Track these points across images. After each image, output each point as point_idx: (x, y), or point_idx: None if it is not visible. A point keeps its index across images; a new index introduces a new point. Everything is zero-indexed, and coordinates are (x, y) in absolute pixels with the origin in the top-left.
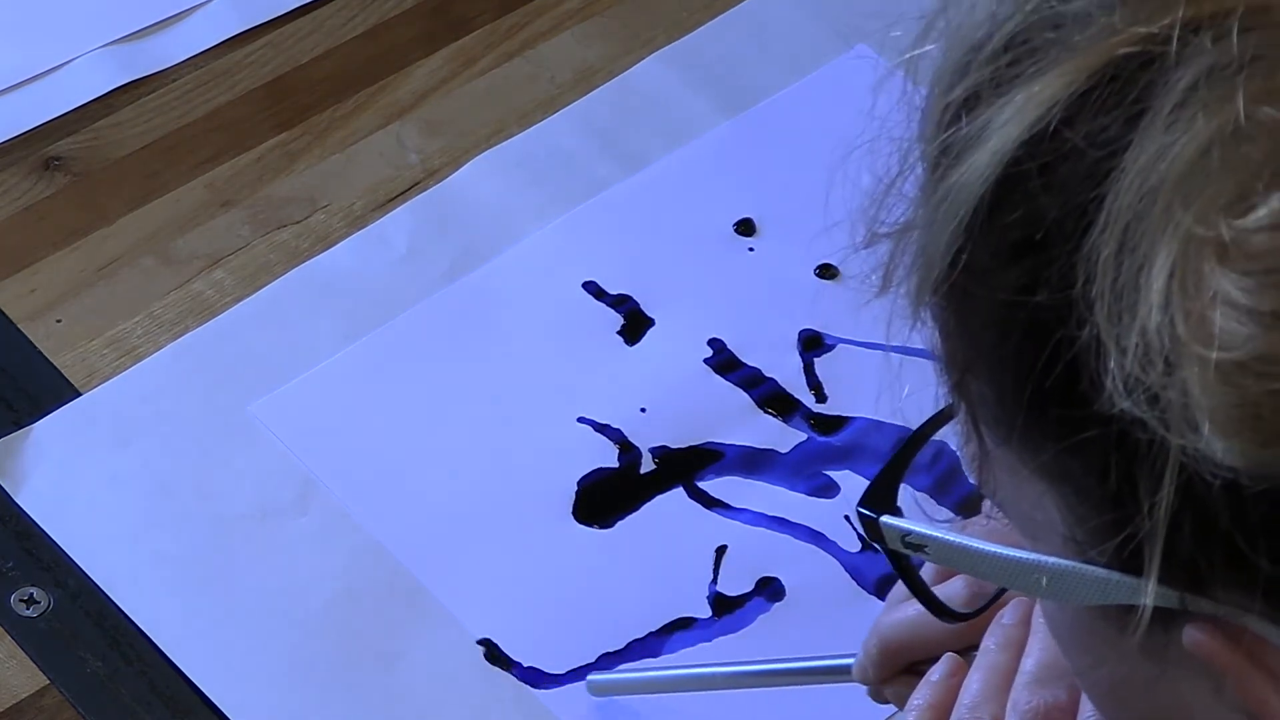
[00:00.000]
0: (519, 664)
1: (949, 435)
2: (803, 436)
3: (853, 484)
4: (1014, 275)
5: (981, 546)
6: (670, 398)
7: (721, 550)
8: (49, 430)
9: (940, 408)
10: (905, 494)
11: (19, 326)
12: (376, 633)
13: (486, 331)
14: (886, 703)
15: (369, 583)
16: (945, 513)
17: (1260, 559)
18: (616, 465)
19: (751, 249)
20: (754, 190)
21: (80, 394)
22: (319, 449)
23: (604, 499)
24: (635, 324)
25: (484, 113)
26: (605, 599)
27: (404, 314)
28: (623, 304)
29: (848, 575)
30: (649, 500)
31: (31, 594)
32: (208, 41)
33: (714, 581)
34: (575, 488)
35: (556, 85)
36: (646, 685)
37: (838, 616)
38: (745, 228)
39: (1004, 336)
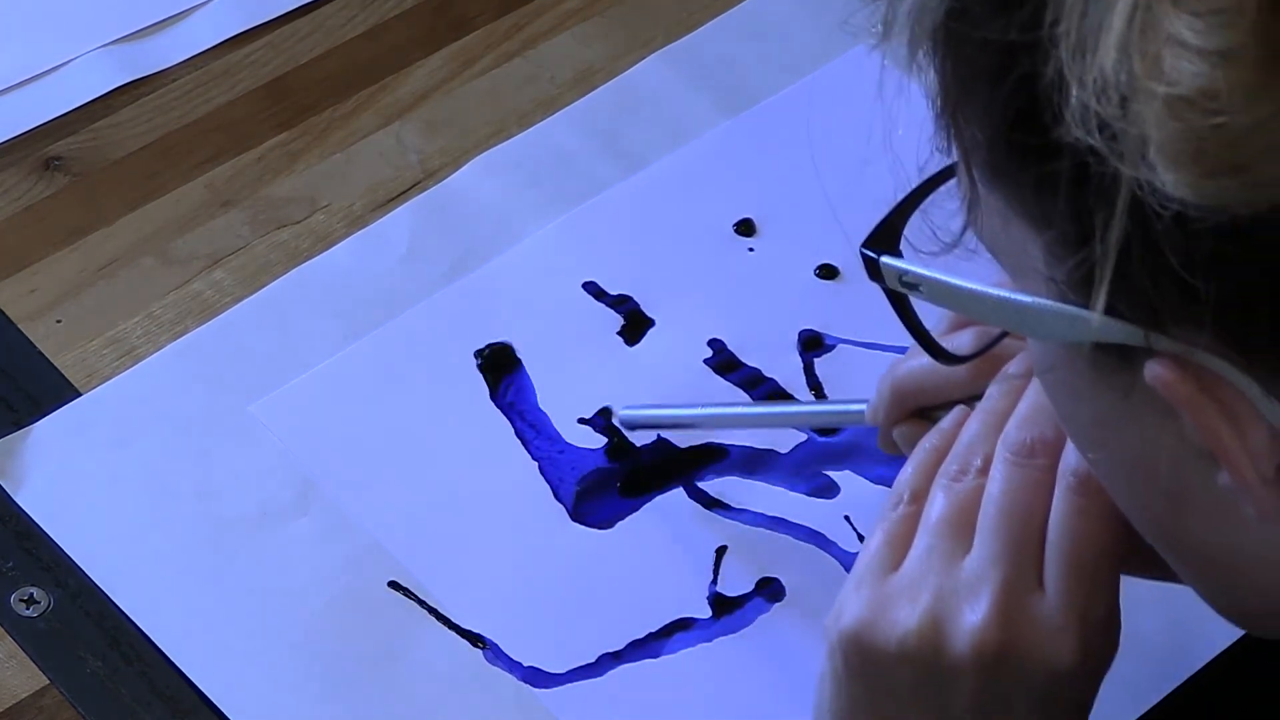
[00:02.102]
0: (519, 664)
1: None
2: (803, 437)
3: (853, 484)
4: (996, 18)
5: (969, 285)
6: (671, 398)
7: (721, 550)
8: (49, 430)
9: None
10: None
11: (19, 326)
12: (376, 633)
13: (486, 331)
14: (894, 452)
15: (369, 583)
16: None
17: (1207, 292)
18: (617, 465)
19: (751, 249)
20: (754, 190)
21: (80, 394)
22: (319, 449)
23: (604, 499)
24: (635, 324)
25: (484, 113)
26: (605, 599)
27: (404, 314)
28: (623, 304)
29: (848, 575)
30: (649, 500)
31: (31, 594)
32: (208, 41)
33: (714, 582)
34: (575, 488)
35: (556, 85)
36: (673, 421)
37: None
38: (745, 228)
39: (986, 77)
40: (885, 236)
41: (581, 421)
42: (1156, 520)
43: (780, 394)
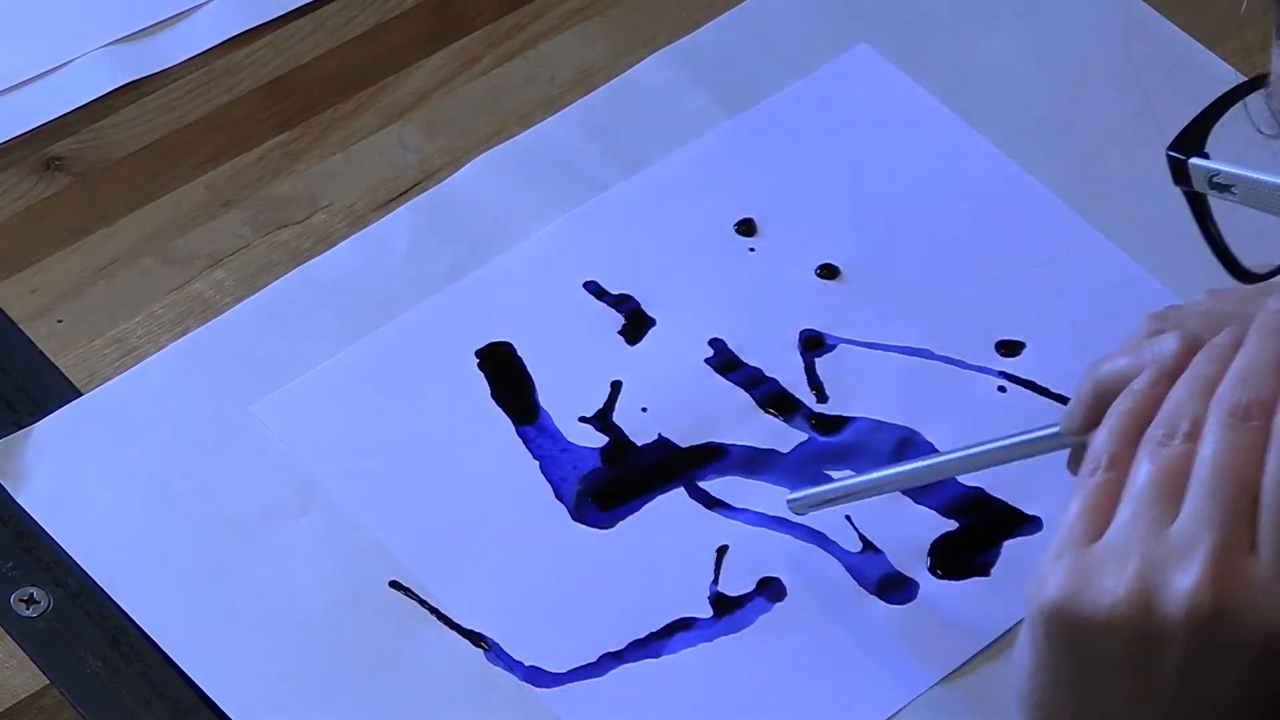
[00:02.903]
0: (520, 663)
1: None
2: (804, 437)
3: None
4: None
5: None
6: (671, 397)
7: (722, 550)
8: (50, 430)
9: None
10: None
11: (20, 326)
12: (377, 633)
13: (487, 331)
14: (1090, 473)
15: (370, 583)
16: None
17: None
18: (617, 465)
19: (752, 249)
20: (754, 190)
21: (81, 394)
22: (320, 449)
23: (604, 499)
24: (636, 324)
25: (484, 113)
26: (606, 599)
27: (404, 314)
28: (624, 304)
29: (849, 575)
30: (649, 500)
31: (31, 594)
32: (208, 41)
33: (715, 581)
34: (576, 488)
35: (556, 85)
36: (846, 492)
37: (839, 616)
38: (746, 228)
39: None
40: (1191, 139)
41: (582, 420)
42: None
43: (781, 394)
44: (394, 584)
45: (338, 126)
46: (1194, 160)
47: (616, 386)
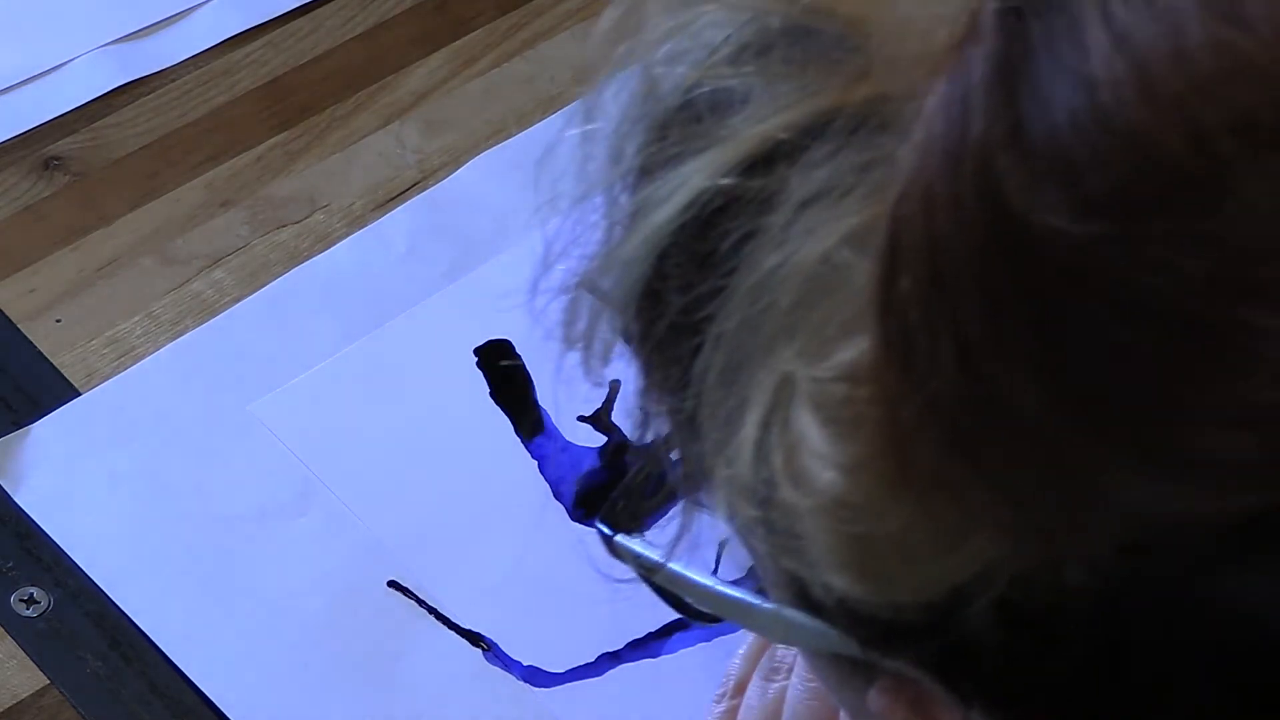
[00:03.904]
0: (519, 663)
1: None
2: None
3: None
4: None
5: (704, 581)
6: None
7: (721, 548)
8: (48, 430)
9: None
10: None
11: (19, 326)
12: (377, 632)
13: (487, 331)
14: None
15: (369, 582)
16: None
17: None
18: (616, 465)
19: None
20: None
21: (80, 394)
22: (319, 449)
23: (604, 499)
24: None
25: (484, 113)
26: (605, 599)
27: (404, 314)
28: None
29: None
30: None
31: (31, 594)
32: (208, 41)
33: None
34: (575, 487)
35: (556, 85)
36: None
37: None
38: None
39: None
40: (625, 512)
41: (581, 420)
42: None
43: None
44: (392, 584)
45: (336, 126)
46: (620, 539)
47: (615, 386)
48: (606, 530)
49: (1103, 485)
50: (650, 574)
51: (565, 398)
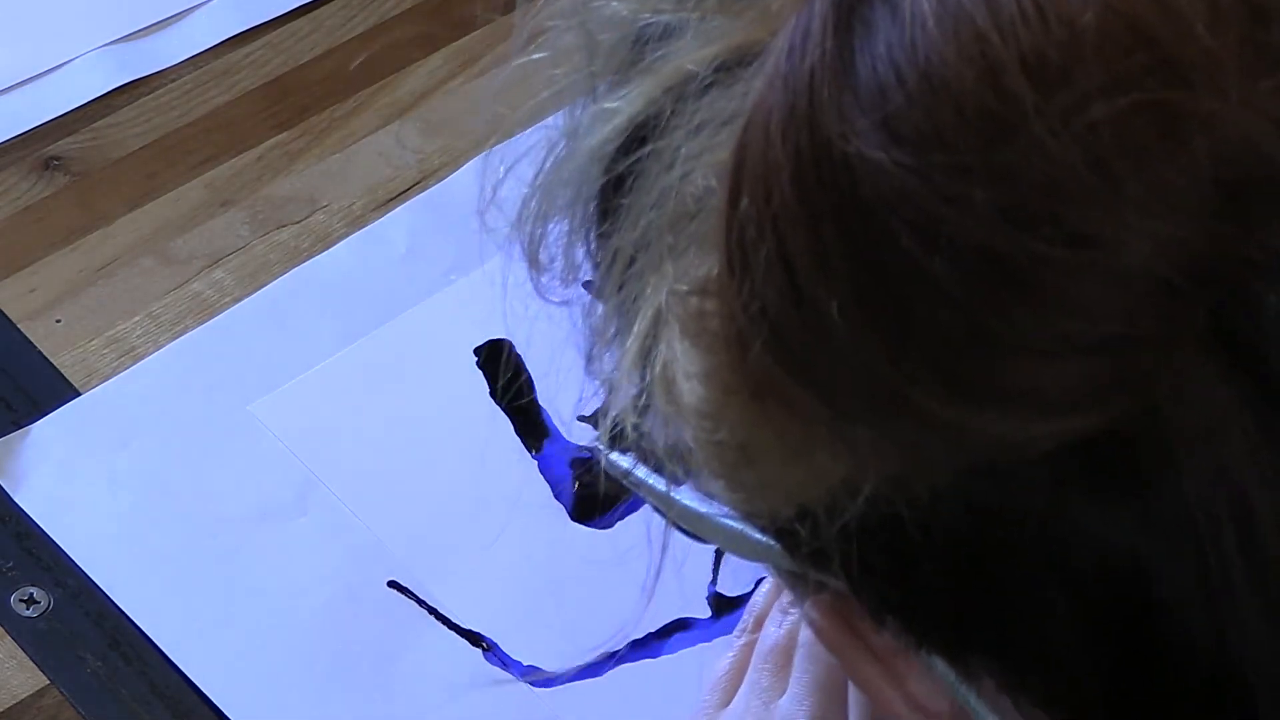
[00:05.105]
0: (519, 663)
1: None
2: None
3: None
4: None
5: (669, 491)
6: None
7: (721, 550)
8: (48, 430)
9: None
10: None
11: (19, 326)
12: (376, 632)
13: (486, 332)
14: None
15: (369, 582)
16: None
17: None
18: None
19: None
20: None
21: (80, 394)
22: (319, 449)
23: (604, 499)
24: None
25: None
26: (605, 599)
27: (404, 314)
28: None
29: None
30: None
31: (31, 594)
32: (208, 41)
33: (713, 582)
34: (574, 487)
35: None
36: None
37: None
38: None
39: None
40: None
41: (581, 420)
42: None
43: None
44: (392, 584)
45: (336, 126)
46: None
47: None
48: (602, 448)
49: (915, 406)
50: (635, 485)
51: (565, 398)
